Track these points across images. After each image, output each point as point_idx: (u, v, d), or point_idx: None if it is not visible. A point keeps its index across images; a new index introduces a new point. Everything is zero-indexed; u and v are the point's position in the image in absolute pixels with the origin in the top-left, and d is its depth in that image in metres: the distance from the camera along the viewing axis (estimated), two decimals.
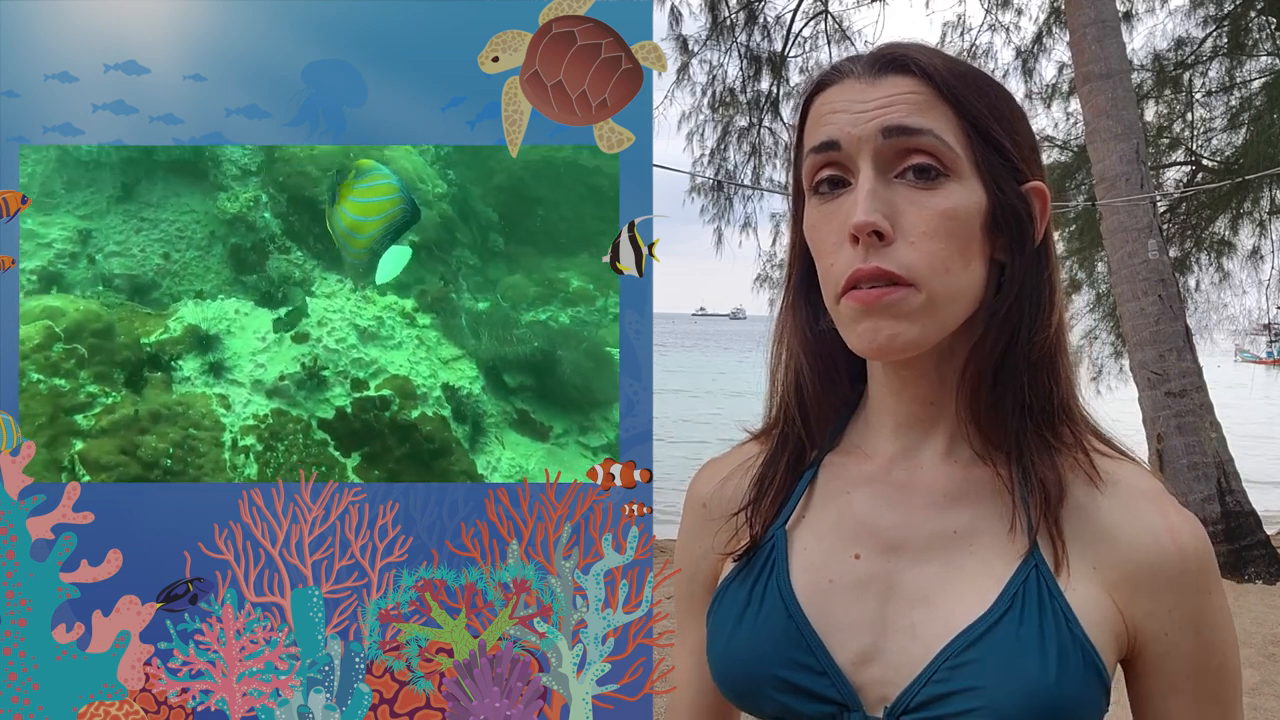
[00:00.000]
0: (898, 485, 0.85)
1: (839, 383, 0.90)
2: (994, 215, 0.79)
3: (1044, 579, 0.77)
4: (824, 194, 0.81)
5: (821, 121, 0.81)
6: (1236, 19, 9.23)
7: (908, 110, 0.78)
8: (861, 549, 0.83)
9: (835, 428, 0.91)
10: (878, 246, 0.76)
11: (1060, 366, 0.82)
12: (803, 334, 0.89)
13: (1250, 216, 10.02)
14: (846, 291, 0.78)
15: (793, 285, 0.90)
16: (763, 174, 10.16)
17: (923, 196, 0.77)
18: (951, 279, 0.77)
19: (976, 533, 0.81)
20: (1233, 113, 9.52)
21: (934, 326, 0.78)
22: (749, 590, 0.86)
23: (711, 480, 0.97)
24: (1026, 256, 0.81)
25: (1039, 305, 0.81)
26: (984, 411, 0.81)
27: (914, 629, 0.79)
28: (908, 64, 0.80)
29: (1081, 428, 0.83)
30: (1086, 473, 0.80)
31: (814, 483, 0.89)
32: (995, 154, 0.80)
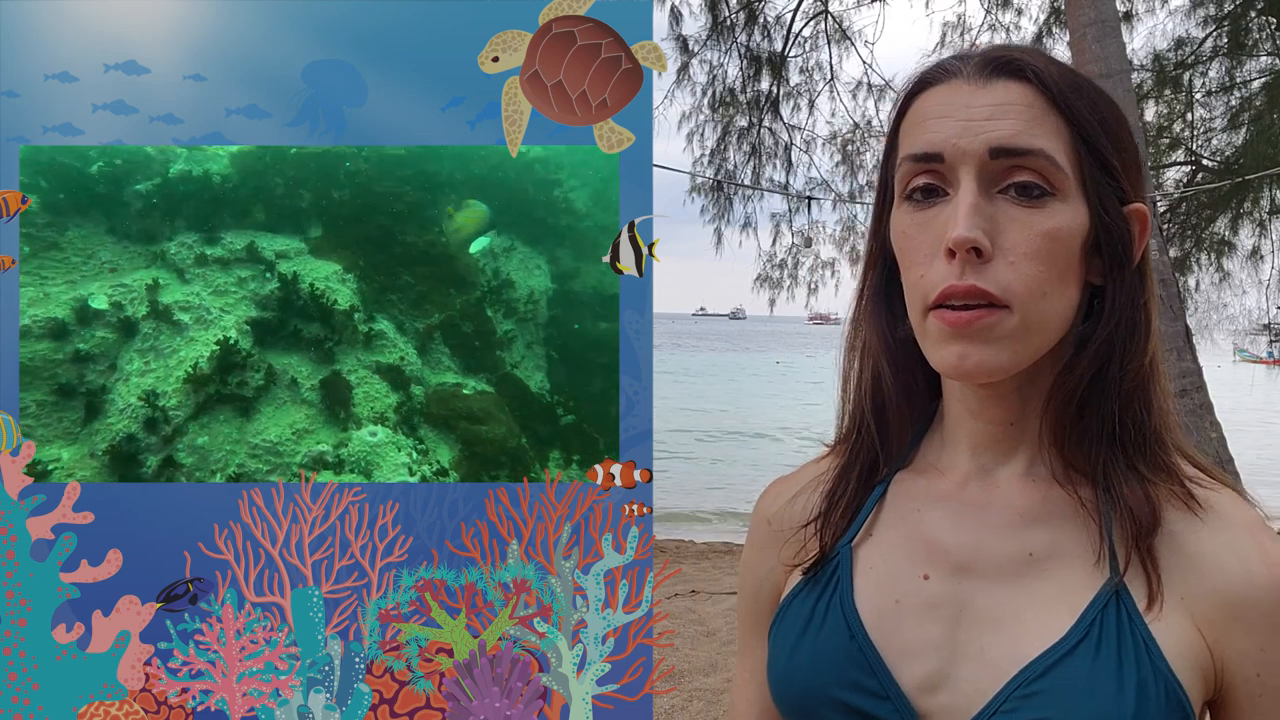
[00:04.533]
0: (971, 504, 0.81)
1: (916, 394, 0.86)
2: (1095, 237, 0.76)
3: (1125, 607, 0.73)
4: (918, 201, 0.77)
5: (923, 127, 0.77)
6: (1236, 19, 9.23)
7: (1018, 125, 0.74)
8: (931, 569, 0.80)
9: (909, 443, 0.87)
10: (975, 264, 0.73)
11: (1154, 395, 0.78)
12: (884, 341, 0.85)
13: (1250, 216, 10.01)
14: (936, 307, 0.74)
15: (870, 290, 0.86)
16: (763, 174, 10.16)
17: (1026, 215, 0.73)
18: (1047, 303, 0.74)
19: (1054, 556, 0.77)
20: (1233, 113, 9.52)
21: (1025, 352, 0.75)
22: (812, 607, 0.83)
23: (779, 498, 0.93)
24: (1125, 281, 0.77)
25: (1134, 332, 0.77)
26: (1068, 438, 0.78)
27: (984, 654, 0.75)
28: (1022, 69, 0.75)
29: (1175, 457, 0.79)
30: (1182, 500, 0.76)
31: (884, 499, 0.86)
32: (1103, 173, 0.76)
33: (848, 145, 10.13)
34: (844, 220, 10.54)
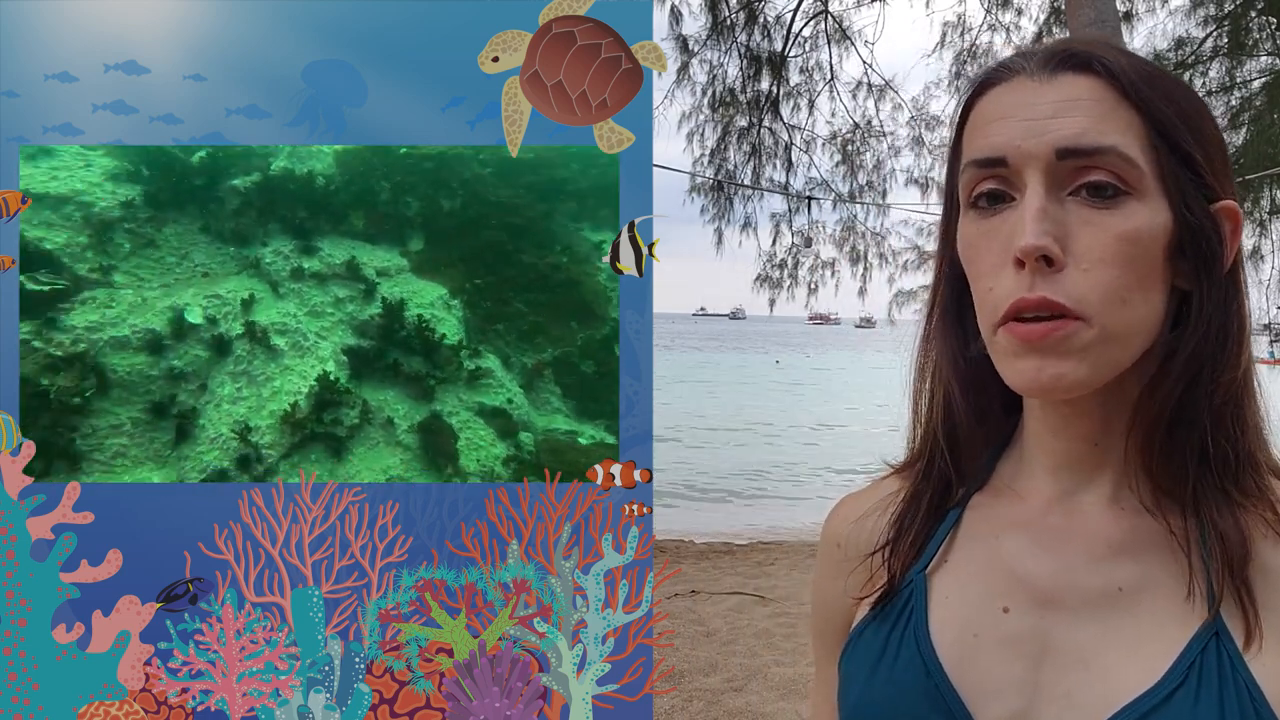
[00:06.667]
0: (1054, 531, 0.76)
1: (991, 414, 0.81)
2: (1179, 238, 0.70)
3: (1225, 650, 0.67)
4: (983, 208, 0.72)
5: (986, 130, 0.72)
6: (1236, 19, 9.23)
7: (1086, 121, 0.69)
8: (1011, 601, 0.75)
9: (984, 464, 0.82)
10: (1046, 273, 0.68)
11: (1247, 412, 0.73)
12: (955, 361, 0.80)
13: (1250, 216, 10.01)
14: (1006, 321, 0.70)
15: (939, 306, 0.81)
16: (763, 174, 10.16)
17: (1099, 217, 0.68)
18: (1129, 311, 0.68)
19: (1145, 590, 0.71)
20: (1233, 113, 9.52)
21: (1105, 365, 0.69)
22: (884, 638, 0.78)
23: (848, 519, 0.89)
24: (1215, 285, 0.71)
25: (1226, 342, 0.71)
26: (1157, 459, 0.72)
27: (1070, 697, 0.70)
28: (1089, 61, 0.71)
29: (1268, 479, 0.73)
30: (1276, 530, 0.70)
31: (959, 524, 0.81)
32: (1184, 168, 0.70)
33: (848, 145, 10.13)
34: (844, 220, 10.54)
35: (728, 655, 5.02)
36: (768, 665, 4.88)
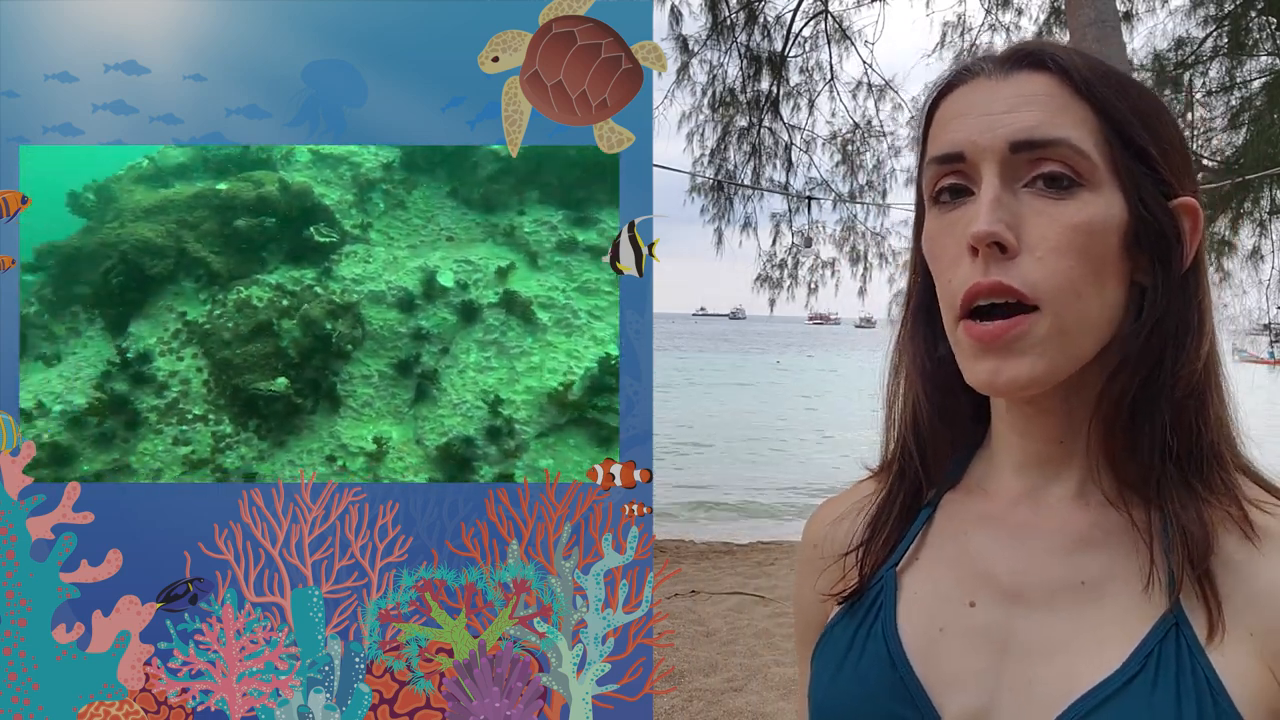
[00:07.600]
0: (1019, 526, 0.77)
1: (959, 415, 0.82)
2: (1135, 232, 0.71)
3: (1185, 640, 0.68)
4: (944, 203, 0.74)
5: (947, 129, 0.74)
6: (1236, 19, 9.23)
7: (1040, 115, 0.71)
8: (977, 596, 0.76)
9: (957, 464, 0.84)
10: (999, 259, 0.69)
11: (1210, 405, 0.74)
12: (921, 363, 0.81)
13: (1250, 216, 10.01)
14: (966, 313, 0.71)
15: (912, 309, 0.82)
16: (763, 174, 10.15)
17: (1053, 207, 0.70)
18: (1083, 303, 0.70)
19: (1108, 583, 0.72)
20: (1233, 113, 9.51)
21: (1063, 359, 0.70)
22: (852, 634, 0.80)
23: (825, 520, 0.91)
24: (1172, 280, 0.72)
25: (1185, 335, 0.72)
26: (1119, 454, 0.73)
27: (1031, 687, 0.71)
28: (1043, 59, 0.72)
29: (1235, 476, 0.74)
30: (1240, 527, 0.71)
31: (930, 522, 0.82)
32: (1138, 163, 0.71)
33: (848, 145, 10.12)
34: (844, 220, 10.53)
35: (728, 655, 5.02)
36: (768, 665, 4.88)
